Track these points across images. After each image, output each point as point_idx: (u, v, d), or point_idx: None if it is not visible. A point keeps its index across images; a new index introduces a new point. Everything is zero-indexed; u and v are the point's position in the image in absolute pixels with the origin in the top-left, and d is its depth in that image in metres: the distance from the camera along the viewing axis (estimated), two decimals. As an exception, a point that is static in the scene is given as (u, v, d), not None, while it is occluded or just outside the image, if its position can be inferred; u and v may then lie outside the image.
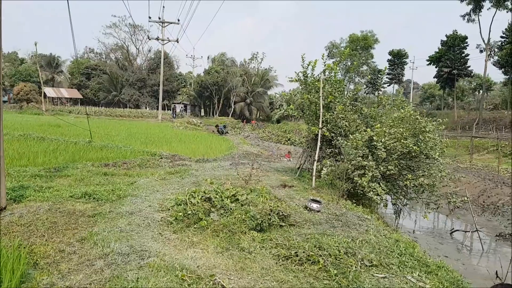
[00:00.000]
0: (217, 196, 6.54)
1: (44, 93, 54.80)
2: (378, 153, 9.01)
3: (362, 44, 63.64)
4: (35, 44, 75.71)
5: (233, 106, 60.90)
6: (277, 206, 6.52)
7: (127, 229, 5.37)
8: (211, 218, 5.87)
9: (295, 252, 4.92)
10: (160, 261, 4.33)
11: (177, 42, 42.28)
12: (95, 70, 65.19)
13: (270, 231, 5.87)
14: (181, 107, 65.90)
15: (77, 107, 55.30)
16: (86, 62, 68.08)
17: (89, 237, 4.97)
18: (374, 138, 9.28)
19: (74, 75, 68.02)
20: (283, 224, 6.18)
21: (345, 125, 10.28)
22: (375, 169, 8.93)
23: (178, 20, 41.62)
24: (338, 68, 11.60)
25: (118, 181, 8.89)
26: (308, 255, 4.84)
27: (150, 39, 46.18)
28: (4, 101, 56.82)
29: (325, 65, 10.82)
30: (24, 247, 4.48)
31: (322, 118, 10.23)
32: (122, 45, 67.45)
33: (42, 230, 5.12)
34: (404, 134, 9.28)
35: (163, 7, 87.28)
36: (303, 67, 11.03)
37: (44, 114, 41.75)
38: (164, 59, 46.92)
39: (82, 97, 63.16)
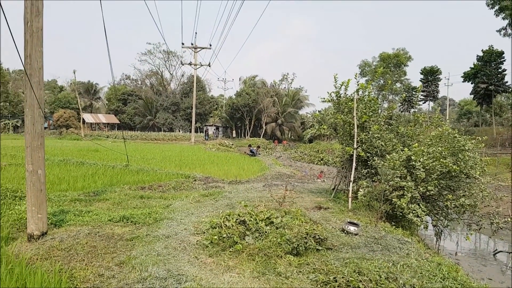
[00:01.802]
0: (252, 219, 6.48)
1: (83, 119, 57.10)
2: (417, 173, 8.71)
3: (394, 62, 62.81)
4: (74, 72, 79.32)
5: (264, 127, 61.15)
6: (313, 229, 6.37)
7: (164, 253, 5.39)
8: (246, 242, 5.81)
9: (334, 278, 4.76)
10: (197, 285, 4.31)
11: (209, 66, 43.26)
12: (131, 95, 67.48)
13: (306, 255, 5.73)
14: (216, 130, 66.85)
15: (114, 132, 57.17)
16: (123, 88, 70.61)
17: (127, 261, 5.02)
18: (412, 157, 9.00)
19: (111, 101, 70.60)
20: (320, 248, 6.02)
21: (381, 144, 10.05)
22: (414, 189, 8.63)
23: (210, 45, 42.70)
24: (371, 87, 11.43)
25: (154, 204, 9.01)
26: (348, 281, 4.67)
27: (183, 64, 47.49)
28: (45, 127, 59.50)
29: (358, 84, 10.70)
30: (64, 272, 4.57)
31: (357, 138, 10.05)
32: (156, 71, 69.82)
33: (82, 254, 5.22)
34: (443, 153, 8.96)
35: (196, 33, 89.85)
36: (335, 87, 10.94)
37: (82, 139, 43.36)
38: (196, 83, 48.01)
39: (119, 122, 65.31)
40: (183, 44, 43.26)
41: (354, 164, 9.99)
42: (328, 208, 9.24)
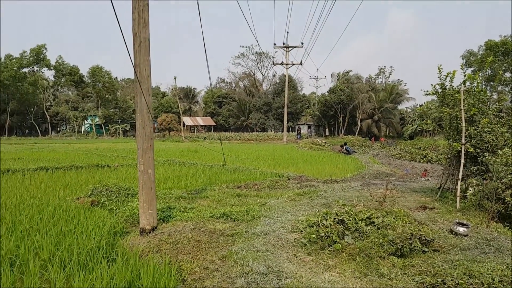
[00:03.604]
0: (350, 219, 6.31)
1: (183, 122, 61.00)
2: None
3: (502, 50, 56.50)
4: (175, 78, 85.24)
5: (359, 124, 59.32)
6: (418, 229, 6.00)
7: (263, 249, 5.51)
8: (346, 241, 5.68)
9: (442, 280, 4.42)
10: (297, 282, 4.32)
11: (301, 64, 43.33)
12: (226, 98, 70.49)
13: (411, 256, 5.41)
14: (308, 128, 66.65)
15: (211, 133, 60.24)
16: (218, 91, 74.04)
17: (229, 255, 5.22)
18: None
19: (207, 104, 74.48)
20: (426, 249, 5.65)
21: (492, 139, 9.10)
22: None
23: (302, 44, 42.74)
24: (479, 78, 10.42)
25: (250, 202, 9.25)
26: (457, 284, 4.31)
27: (275, 65, 48.38)
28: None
29: (464, 75, 9.83)
30: (173, 264, 4.90)
31: (465, 133, 9.23)
32: (249, 73, 71.94)
33: (188, 248, 5.56)
34: None
35: (287, 32, 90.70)
36: (440, 79, 10.18)
37: (183, 141, 46.33)
38: (288, 82, 48.35)
39: (215, 124, 68.60)
40: (275, 44, 43.93)
41: (462, 161, 9.19)
42: (433, 208, 8.64)
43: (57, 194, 9.77)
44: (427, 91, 10.63)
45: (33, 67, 66.71)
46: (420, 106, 53.97)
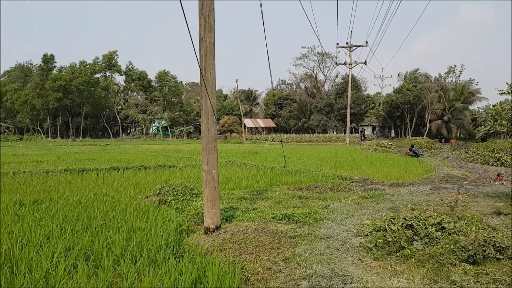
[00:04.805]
0: (420, 224, 6.01)
1: (244, 124, 61.96)
2: None
3: None
4: (236, 81, 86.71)
5: (428, 125, 56.51)
6: (492, 236, 5.59)
7: (326, 252, 5.41)
8: (414, 247, 5.41)
9: (521, 292, 4.07)
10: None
11: (365, 64, 42.21)
12: (286, 99, 70.50)
13: (484, 264, 5.04)
14: (372, 130, 64.66)
15: (271, 135, 60.57)
16: (279, 93, 74.24)
17: (292, 257, 5.19)
18: None
19: (268, 106, 74.97)
20: (501, 256, 5.23)
21: None
22: None
23: (366, 43, 41.63)
24: None
25: (312, 204, 9.14)
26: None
27: (337, 65, 47.44)
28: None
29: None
30: (237, 263, 4.97)
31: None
32: (311, 74, 71.33)
33: (251, 248, 5.60)
34: None
35: (351, 32, 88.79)
36: (517, 76, 9.43)
37: (244, 143, 47.03)
38: (351, 82, 47.30)
39: (275, 125, 68.86)
40: (338, 44, 43.20)
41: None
42: (509, 214, 8.00)
43: (127, 192, 10.35)
44: (502, 90, 9.95)
45: (105, 73, 71.57)
46: (494, 106, 50.35)
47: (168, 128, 71.16)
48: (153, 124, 73.60)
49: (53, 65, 65.37)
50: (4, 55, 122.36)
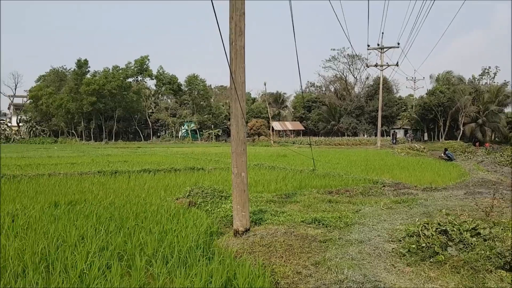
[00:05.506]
0: (454, 229, 5.82)
1: (272, 127, 61.99)
2: None
3: None
4: (264, 84, 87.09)
5: (461, 128, 54.81)
6: (531, 243, 5.34)
7: (358, 257, 5.31)
8: (449, 253, 5.24)
9: None
10: (396, 295, 4.08)
11: (397, 65, 41.36)
12: (315, 102, 70.00)
13: (523, 271, 4.84)
14: (405, 133, 63.25)
15: (300, 138, 60.28)
16: (308, 96, 73.86)
17: (322, 261, 5.12)
18: None
19: (296, 108, 74.75)
20: (540, 264, 5.00)
21: None
22: None
23: (398, 44, 40.81)
24: None
25: (342, 209, 9.00)
26: None
27: (368, 67, 46.74)
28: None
29: None
30: (266, 266, 4.95)
31: None
32: (340, 76, 70.56)
33: (280, 252, 5.56)
34: None
35: (382, 33, 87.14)
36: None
37: (272, 146, 46.99)
38: (383, 84, 46.46)
39: (303, 128, 68.51)
40: (368, 46, 42.49)
41: None
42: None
43: (158, 194, 10.52)
44: None
45: (137, 77, 73.46)
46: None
47: (197, 131, 72.11)
48: (183, 127, 74.79)
49: (87, 70, 67.65)
50: (40, 60, 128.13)
